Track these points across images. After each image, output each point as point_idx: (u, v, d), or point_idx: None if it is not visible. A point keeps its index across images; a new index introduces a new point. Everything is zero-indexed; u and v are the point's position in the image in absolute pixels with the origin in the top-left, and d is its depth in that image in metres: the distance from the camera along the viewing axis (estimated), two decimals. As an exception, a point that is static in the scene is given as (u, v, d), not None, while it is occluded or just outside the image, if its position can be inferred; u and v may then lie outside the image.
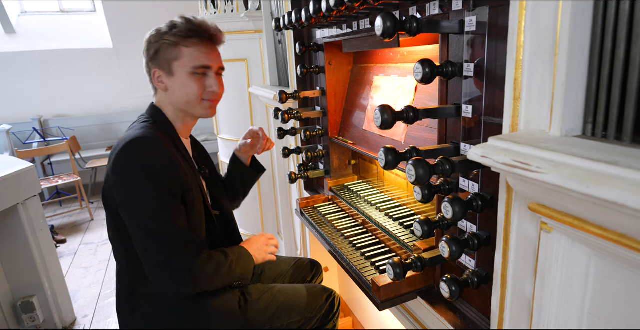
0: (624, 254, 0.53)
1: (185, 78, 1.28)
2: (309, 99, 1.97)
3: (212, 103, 1.35)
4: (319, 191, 2.07)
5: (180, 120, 1.37)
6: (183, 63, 1.26)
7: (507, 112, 0.73)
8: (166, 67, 1.28)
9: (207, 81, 1.31)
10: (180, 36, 1.25)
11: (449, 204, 0.84)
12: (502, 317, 0.82)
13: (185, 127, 1.40)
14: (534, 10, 0.63)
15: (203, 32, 1.28)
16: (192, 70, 1.27)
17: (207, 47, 1.30)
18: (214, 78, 1.32)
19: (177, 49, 1.26)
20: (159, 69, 1.29)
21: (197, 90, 1.29)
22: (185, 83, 1.28)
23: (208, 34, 1.29)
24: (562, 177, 0.50)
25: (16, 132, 5.37)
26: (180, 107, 1.33)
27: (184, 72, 1.27)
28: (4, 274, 2.39)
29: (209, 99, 1.33)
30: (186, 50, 1.26)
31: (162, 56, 1.27)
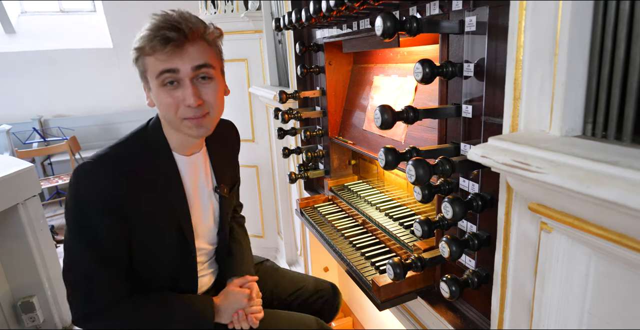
0: (624, 254, 0.53)
1: (156, 91, 1.09)
2: (309, 99, 1.97)
3: (198, 121, 1.11)
4: (319, 191, 2.07)
5: (175, 136, 1.20)
6: (150, 74, 1.08)
7: (507, 112, 0.73)
8: (144, 80, 1.12)
9: (181, 92, 1.08)
10: (142, 43, 1.05)
11: (449, 204, 0.84)
12: (502, 317, 0.82)
13: (184, 145, 1.23)
14: (534, 10, 0.63)
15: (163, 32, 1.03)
16: (160, 81, 1.07)
17: (172, 48, 1.04)
18: (189, 87, 1.07)
19: (143, 59, 1.08)
20: (143, 81, 1.14)
21: (168, 105, 1.09)
22: (158, 97, 1.10)
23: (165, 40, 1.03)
24: (562, 177, 0.50)
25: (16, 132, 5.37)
26: (168, 124, 1.17)
27: (155, 85, 1.08)
28: (4, 274, 2.39)
29: (188, 117, 1.10)
30: (149, 59, 1.06)
31: (139, 68, 1.12)
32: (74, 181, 1.08)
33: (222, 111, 1.23)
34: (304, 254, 2.60)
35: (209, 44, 1.12)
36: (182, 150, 1.24)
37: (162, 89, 1.08)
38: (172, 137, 1.21)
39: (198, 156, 1.29)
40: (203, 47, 1.10)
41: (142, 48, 1.05)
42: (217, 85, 1.15)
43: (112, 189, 1.08)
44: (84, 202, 1.07)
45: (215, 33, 1.15)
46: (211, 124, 1.17)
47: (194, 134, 1.14)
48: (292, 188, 2.63)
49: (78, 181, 1.08)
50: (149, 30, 1.05)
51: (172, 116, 1.11)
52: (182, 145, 1.23)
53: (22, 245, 2.39)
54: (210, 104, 1.13)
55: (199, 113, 1.11)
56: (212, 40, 1.14)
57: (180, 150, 1.24)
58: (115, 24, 5.98)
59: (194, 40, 1.07)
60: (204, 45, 1.11)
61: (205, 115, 1.13)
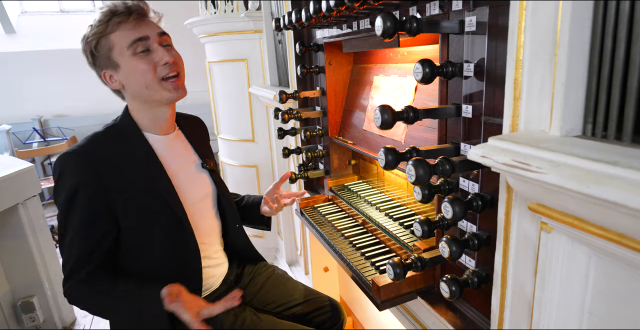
0: (624, 254, 0.53)
1: (129, 63, 1.17)
2: (309, 99, 1.97)
3: (175, 80, 1.22)
4: (319, 191, 2.07)
5: (148, 115, 1.28)
6: (119, 49, 1.16)
7: (507, 112, 0.73)
8: (108, 62, 1.19)
9: (153, 55, 1.18)
10: (100, 26, 1.15)
11: (449, 204, 0.84)
12: (502, 317, 0.82)
13: (156, 122, 1.30)
14: (534, 10, 0.64)
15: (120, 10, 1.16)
16: (131, 51, 1.16)
17: (134, 21, 1.17)
18: (160, 49, 1.19)
19: (106, 39, 1.16)
20: (105, 68, 1.20)
21: (148, 69, 1.17)
22: (132, 68, 1.17)
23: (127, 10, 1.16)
24: (562, 177, 0.50)
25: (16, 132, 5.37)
26: (144, 97, 1.23)
27: (125, 58, 1.16)
28: (4, 274, 2.39)
29: (166, 76, 1.20)
30: (114, 36, 1.15)
31: (99, 55, 1.18)
32: (57, 171, 1.17)
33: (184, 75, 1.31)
34: (304, 254, 2.60)
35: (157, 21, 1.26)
36: (156, 129, 1.31)
37: (135, 58, 1.17)
38: (142, 117, 1.28)
39: (174, 136, 1.37)
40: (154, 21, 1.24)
41: (102, 29, 1.15)
42: (177, 52, 1.27)
43: (94, 172, 1.16)
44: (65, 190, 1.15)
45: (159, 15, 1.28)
46: (183, 86, 1.26)
47: (171, 96, 1.22)
48: (292, 188, 2.63)
49: (61, 170, 1.16)
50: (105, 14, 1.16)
51: (151, 80, 1.18)
52: (154, 123, 1.30)
53: (22, 245, 2.39)
54: (178, 64, 1.23)
55: (174, 70, 1.21)
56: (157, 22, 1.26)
57: (155, 130, 1.31)
58: (115, 24, 5.98)
59: (147, 15, 1.22)
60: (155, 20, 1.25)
61: (178, 75, 1.23)
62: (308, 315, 1.53)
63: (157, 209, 1.25)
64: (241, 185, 3.20)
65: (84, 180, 1.15)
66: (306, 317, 1.53)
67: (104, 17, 1.16)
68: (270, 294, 1.54)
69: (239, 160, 3.16)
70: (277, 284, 1.58)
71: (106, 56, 1.18)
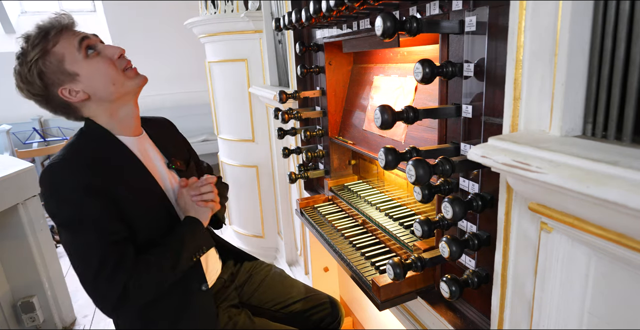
0: (624, 254, 0.53)
1: (88, 66, 1.15)
2: (309, 99, 1.97)
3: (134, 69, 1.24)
4: (319, 191, 2.07)
5: (117, 118, 1.25)
6: (70, 57, 1.14)
7: (507, 112, 0.73)
8: (63, 76, 1.15)
9: (105, 52, 1.19)
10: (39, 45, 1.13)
11: (449, 204, 0.84)
12: (502, 317, 0.82)
13: (126, 123, 1.28)
14: (534, 10, 0.64)
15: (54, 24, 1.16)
16: (83, 54, 1.15)
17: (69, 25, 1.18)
18: (107, 45, 1.21)
19: (51, 54, 1.13)
20: (61, 84, 1.16)
21: (108, 65, 1.17)
22: (93, 69, 1.16)
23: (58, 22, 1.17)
24: (562, 177, 0.50)
25: (16, 132, 5.37)
26: (112, 96, 1.20)
27: (81, 63, 1.15)
28: (4, 274, 2.39)
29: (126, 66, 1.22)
30: (58, 47, 1.13)
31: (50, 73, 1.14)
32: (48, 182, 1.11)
33: None
34: (304, 254, 2.60)
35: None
36: (127, 131, 1.29)
37: (91, 60, 1.17)
38: (110, 122, 1.26)
39: (143, 138, 1.35)
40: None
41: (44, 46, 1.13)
42: None
43: (88, 175, 1.12)
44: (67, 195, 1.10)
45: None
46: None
47: (137, 82, 1.24)
48: (292, 188, 2.63)
49: (53, 181, 1.11)
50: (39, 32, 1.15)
51: (115, 74, 1.19)
52: (124, 125, 1.28)
53: (22, 245, 2.39)
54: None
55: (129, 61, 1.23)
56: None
57: (125, 132, 1.29)
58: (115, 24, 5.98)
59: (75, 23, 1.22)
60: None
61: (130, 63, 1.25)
62: (306, 313, 1.53)
63: (154, 204, 1.25)
64: (241, 186, 3.20)
65: (85, 181, 1.10)
66: (304, 315, 1.53)
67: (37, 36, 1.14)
68: (268, 293, 1.55)
69: (239, 160, 3.16)
70: (274, 282, 1.58)
71: (59, 70, 1.14)
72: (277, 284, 1.58)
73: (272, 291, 1.56)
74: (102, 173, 1.15)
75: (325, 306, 1.57)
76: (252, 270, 1.60)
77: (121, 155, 1.25)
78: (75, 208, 1.10)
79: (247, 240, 3.43)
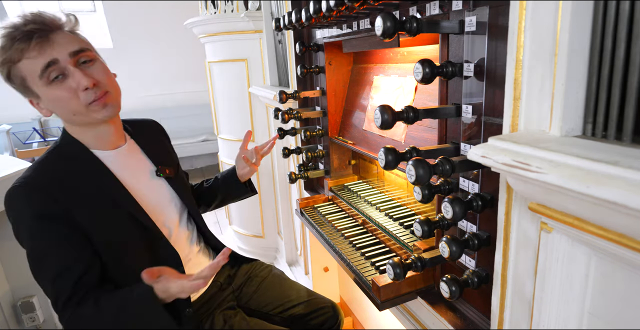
0: (624, 254, 0.53)
1: (47, 93, 1.05)
2: (309, 99, 1.97)
3: (101, 101, 1.09)
4: (319, 191, 2.07)
5: (89, 135, 1.18)
6: (31, 79, 1.04)
7: (507, 112, 0.73)
8: (27, 92, 1.08)
9: (70, 82, 1.05)
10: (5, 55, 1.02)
11: (449, 204, 0.84)
12: (502, 317, 0.82)
13: (100, 139, 1.20)
14: (534, 10, 0.64)
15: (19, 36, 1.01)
16: (45, 80, 1.04)
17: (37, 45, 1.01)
18: (76, 72, 1.05)
19: (16, 68, 1.03)
20: (28, 96, 1.09)
21: (67, 98, 1.06)
22: (52, 98, 1.06)
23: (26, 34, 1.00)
24: (562, 177, 0.50)
25: (16, 132, 5.37)
26: (76, 122, 1.14)
27: (41, 88, 1.05)
28: (4, 274, 2.39)
29: (92, 100, 1.08)
30: (22, 64, 1.02)
31: (16, 85, 1.07)
32: (7, 207, 1.09)
33: (119, 90, 1.19)
34: (304, 254, 2.60)
35: (71, 32, 1.11)
36: (102, 145, 1.22)
37: (51, 87, 1.05)
38: (85, 136, 1.18)
39: (125, 148, 1.28)
40: (67, 35, 1.08)
41: (8, 57, 1.02)
42: (101, 65, 1.14)
43: (44, 202, 1.07)
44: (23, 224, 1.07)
45: (72, 21, 1.13)
46: (114, 102, 1.15)
47: (104, 116, 1.12)
48: (292, 188, 2.63)
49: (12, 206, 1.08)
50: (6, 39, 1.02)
51: (76, 107, 1.08)
52: (99, 140, 1.20)
53: (22, 245, 2.39)
54: (104, 82, 1.11)
55: (99, 93, 1.09)
56: (72, 28, 1.12)
57: (102, 146, 1.21)
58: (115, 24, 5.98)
59: (55, 30, 1.06)
60: (67, 33, 1.09)
61: (106, 94, 1.11)
62: (306, 317, 1.52)
63: (125, 224, 1.19)
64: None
65: (41, 207, 1.06)
66: (304, 319, 1.52)
67: (5, 43, 1.02)
68: (267, 295, 1.53)
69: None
70: (273, 285, 1.56)
71: (23, 86, 1.07)
72: (276, 287, 1.55)
73: (271, 294, 1.53)
74: (63, 196, 1.09)
75: (326, 310, 1.54)
76: (251, 272, 1.58)
77: (91, 173, 1.17)
78: (29, 237, 1.08)
79: (247, 240, 3.43)
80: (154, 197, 1.30)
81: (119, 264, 1.20)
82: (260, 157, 1.58)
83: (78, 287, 1.08)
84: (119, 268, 1.20)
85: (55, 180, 1.11)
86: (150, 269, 1.03)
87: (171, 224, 1.34)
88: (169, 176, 1.35)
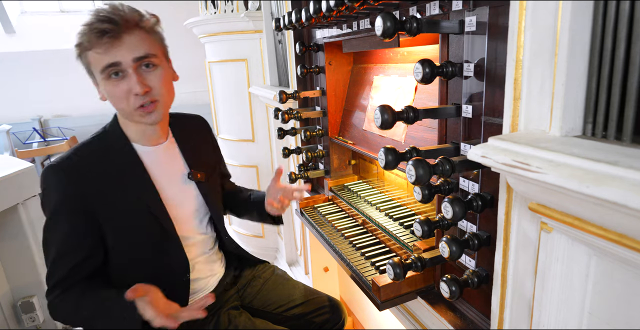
0: (624, 254, 0.53)
1: (104, 85, 1.11)
2: (309, 99, 1.97)
3: (147, 109, 1.13)
4: (319, 191, 2.07)
5: (133, 128, 1.23)
6: (95, 68, 1.10)
7: (507, 112, 0.73)
8: (91, 75, 1.14)
9: (125, 84, 1.09)
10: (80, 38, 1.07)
11: (449, 204, 0.84)
12: (502, 317, 0.82)
13: (144, 135, 1.25)
14: (534, 10, 0.64)
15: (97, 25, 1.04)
16: (104, 75, 1.09)
17: (108, 40, 1.05)
18: (133, 76, 1.08)
19: (85, 55, 1.10)
20: (91, 78, 1.16)
21: (119, 97, 1.11)
22: (106, 90, 1.12)
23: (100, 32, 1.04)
24: (562, 177, 0.50)
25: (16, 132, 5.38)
26: (122, 116, 1.20)
27: (101, 79, 1.11)
28: (4, 274, 2.38)
29: (138, 105, 1.11)
30: (90, 54, 1.08)
31: (83, 64, 1.14)
32: (42, 184, 1.16)
33: (173, 97, 1.23)
34: (304, 254, 2.60)
35: (146, 32, 1.13)
36: (144, 140, 1.26)
37: (108, 82, 1.10)
38: (130, 129, 1.24)
39: (165, 146, 1.31)
40: (141, 36, 1.10)
41: (81, 43, 1.08)
42: (162, 71, 1.16)
43: (78, 188, 1.13)
44: (49, 203, 1.14)
45: (151, 20, 1.15)
46: (162, 110, 1.17)
47: (147, 121, 1.16)
48: (292, 188, 2.63)
49: (42, 186, 1.15)
50: (84, 25, 1.07)
51: (124, 107, 1.13)
52: (142, 136, 1.25)
53: (22, 245, 2.39)
54: (157, 91, 1.14)
55: (148, 100, 1.12)
56: (150, 27, 1.15)
57: (143, 141, 1.26)
58: (115, 24, 5.98)
59: (129, 30, 1.08)
60: (142, 33, 1.11)
61: (154, 103, 1.14)
62: (308, 315, 1.53)
63: (144, 223, 1.22)
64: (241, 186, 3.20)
65: (68, 196, 1.13)
66: (306, 317, 1.53)
67: (84, 29, 1.07)
68: (270, 295, 1.54)
69: (239, 160, 3.16)
70: (276, 284, 1.57)
71: (88, 69, 1.14)
72: (279, 287, 1.57)
73: (274, 294, 1.55)
74: (91, 184, 1.15)
75: (327, 309, 1.55)
76: (255, 272, 1.59)
77: (126, 166, 1.21)
78: (50, 215, 1.15)
79: (247, 240, 3.43)
80: (179, 200, 1.32)
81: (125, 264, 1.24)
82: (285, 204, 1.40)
83: (73, 272, 1.16)
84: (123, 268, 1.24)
85: (91, 169, 1.16)
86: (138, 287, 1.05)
87: (190, 228, 1.35)
88: (200, 180, 1.35)
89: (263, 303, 1.53)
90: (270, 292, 1.55)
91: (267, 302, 1.53)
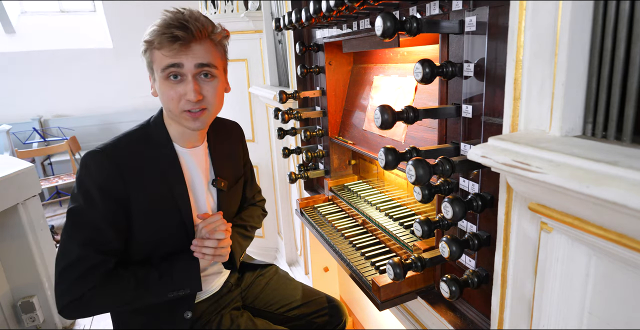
0: (624, 254, 0.53)
1: (160, 83, 1.15)
2: (309, 99, 1.97)
3: (194, 115, 1.16)
4: (319, 191, 2.07)
5: (175, 127, 1.26)
6: (157, 66, 1.14)
7: (507, 112, 0.73)
8: (151, 71, 1.18)
9: (181, 87, 1.13)
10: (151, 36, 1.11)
11: (449, 204, 0.84)
12: (502, 317, 0.82)
13: (184, 136, 1.28)
14: (534, 10, 0.64)
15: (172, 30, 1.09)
16: (163, 74, 1.13)
17: (178, 46, 1.10)
18: (191, 82, 1.12)
19: (151, 52, 1.14)
20: (149, 73, 1.20)
21: (171, 98, 1.14)
22: (161, 89, 1.16)
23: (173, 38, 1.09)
24: (562, 177, 0.50)
25: (16, 132, 5.37)
26: (168, 114, 1.22)
27: (159, 77, 1.14)
28: (4, 274, 2.39)
29: (187, 109, 1.15)
30: (157, 52, 1.12)
31: (146, 59, 1.18)
32: (79, 168, 1.16)
33: (220, 108, 1.27)
34: (304, 254, 2.60)
35: (214, 44, 1.18)
36: (182, 142, 1.29)
37: (166, 82, 1.14)
38: (172, 127, 1.26)
39: (198, 150, 1.33)
40: (208, 46, 1.16)
41: (151, 42, 1.11)
42: (217, 83, 1.21)
43: (113, 177, 1.14)
44: (85, 187, 1.13)
45: (222, 34, 1.21)
46: (207, 118, 1.21)
47: (190, 126, 1.19)
48: (292, 188, 2.63)
49: (82, 168, 1.15)
50: (159, 26, 1.10)
51: (173, 108, 1.16)
52: (181, 137, 1.28)
53: (22, 245, 2.39)
54: (208, 100, 1.18)
55: (197, 107, 1.16)
56: (219, 40, 1.20)
57: (180, 142, 1.29)
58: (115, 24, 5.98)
59: (200, 40, 1.13)
60: (210, 44, 1.16)
61: (202, 110, 1.18)
62: (310, 316, 1.53)
63: (169, 219, 1.24)
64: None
65: (104, 184, 1.13)
66: (308, 318, 1.53)
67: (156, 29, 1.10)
68: (272, 295, 1.55)
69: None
70: (279, 285, 1.58)
71: (149, 66, 1.18)
72: (281, 287, 1.57)
73: (276, 294, 1.55)
74: (129, 175, 1.16)
75: (327, 311, 1.56)
76: (257, 273, 1.60)
77: (166, 163, 1.23)
78: (83, 202, 1.13)
79: (247, 240, 3.42)
80: (201, 205, 1.33)
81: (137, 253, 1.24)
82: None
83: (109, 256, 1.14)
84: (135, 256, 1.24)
85: (132, 156, 1.18)
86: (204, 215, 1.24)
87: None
88: (222, 189, 1.37)
89: (265, 303, 1.53)
90: (272, 292, 1.55)
91: (269, 302, 1.54)
